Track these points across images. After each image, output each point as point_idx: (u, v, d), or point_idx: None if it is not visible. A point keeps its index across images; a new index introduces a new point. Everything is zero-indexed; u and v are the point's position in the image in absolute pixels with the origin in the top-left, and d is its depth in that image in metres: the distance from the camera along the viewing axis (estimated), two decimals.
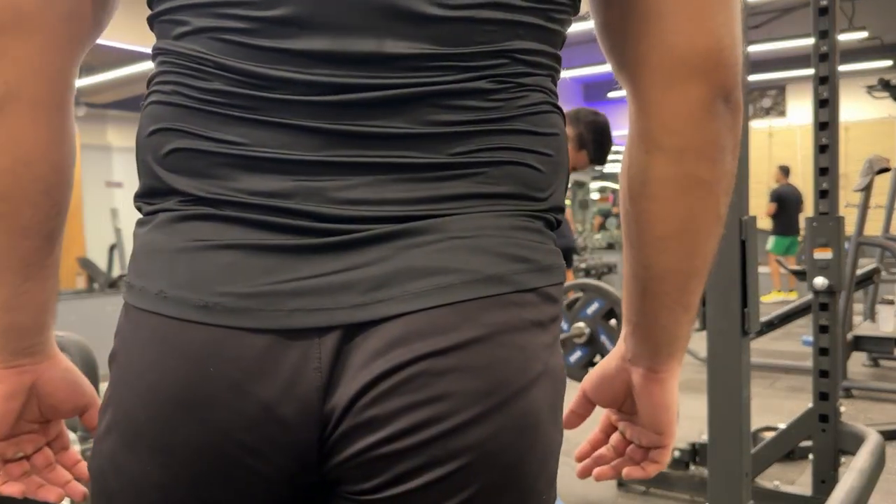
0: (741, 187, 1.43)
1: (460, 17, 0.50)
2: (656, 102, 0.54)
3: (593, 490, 2.72)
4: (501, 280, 0.51)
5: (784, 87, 9.80)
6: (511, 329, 0.51)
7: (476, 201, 0.51)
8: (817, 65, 2.14)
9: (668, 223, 0.56)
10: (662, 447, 0.66)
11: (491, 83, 0.51)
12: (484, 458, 0.50)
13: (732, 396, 1.47)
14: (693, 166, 0.54)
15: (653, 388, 0.64)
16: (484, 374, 0.50)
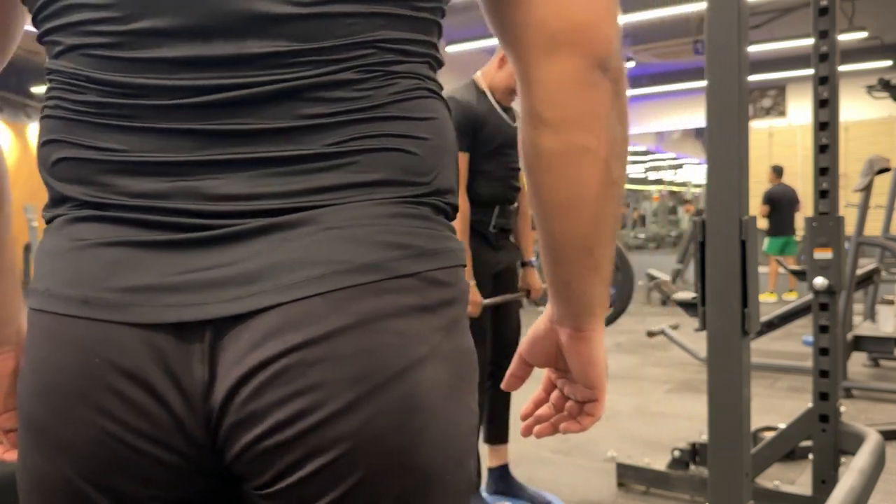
0: (740, 187, 1.43)
1: (315, 14, 0.51)
2: (535, 77, 0.55)
3: (593, 490, 2.72)
4: (376, 268, 0.52)
5: (784, 87, 9.80)
6: (386, 315, 0.52)
7: (351, 191, 0.53)
8: (817, 65, 2.14)
9: (562, 192, 0.58)
10: (595, 400, 0.69)
11: (357, 73, 0.53)
12: (363, 445, 0.51)
13: (732, 396, 1.47)
14: (577, 136, 0.56)
15: (579, 346, 0.66)
16: (355, 362, 0.51)
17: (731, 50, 1.42)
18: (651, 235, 12.83)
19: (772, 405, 3.84)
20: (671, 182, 14.46)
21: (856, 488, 1.75)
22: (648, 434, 3.40)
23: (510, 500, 2.56)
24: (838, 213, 2.15)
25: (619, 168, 0.59)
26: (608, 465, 2.83)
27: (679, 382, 4.53)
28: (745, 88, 1.43)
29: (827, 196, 2.14)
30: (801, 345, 5.39)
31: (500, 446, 2.60)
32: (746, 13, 1.44)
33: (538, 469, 2.96)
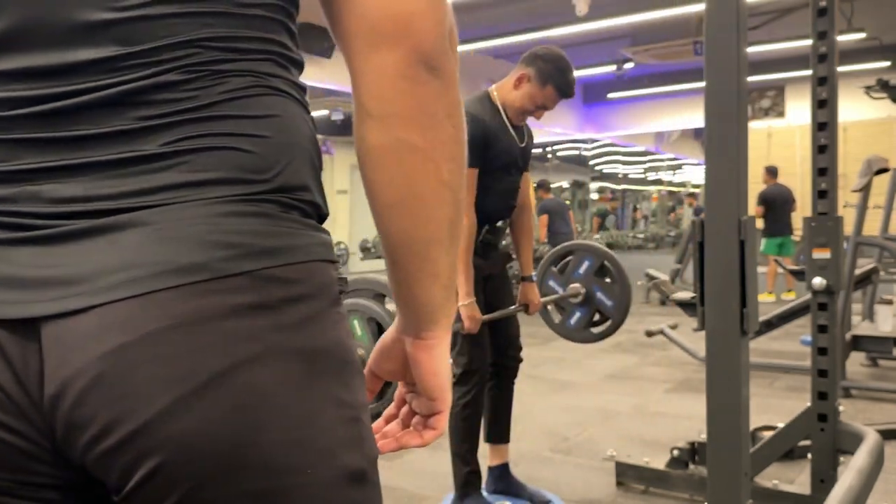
0: (739, 188, 1.44)
1: (136, 17, 0.52)
2: (360, 70, 0.55)
3: (592, 489, 2.72)
4: (200, 268, 0.51)
5: (783, 88, 9.81)
6: (209, 316, 0.51)
7: (182, 191, 0.52)
8: (816, 65, 2.14)
9: (390, 191, 0.57)
10: (438, 413, 0.68)
11: (181, 74, 0.53)
12: (192, 448, 0.50)
13: (731, 396, 1.47)
14: (402, 132, 0.55)
15: (421, 355, 0.65)
16: (174, 364, 0.50)
17: (730, 51, 1.43)
18: (650, 235, 12.84)
19: (770, 405, 3.85)
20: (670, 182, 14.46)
21: (854, 487, 1.76)
22: (647, 433, 3.41)
23: (510, 498, 2.56)
24: (837, 213, 2.16)
25: (452, 170, 0.58)
26: (607, 465, 2.83)
27: (678, 382, 4.54)
28: (744, 89, 1.44)
29: (826, 196, 2.14)
30: (800, 344, 5.39)
31: (501, 445, 2.60)
32: (745, 14, 1.44)
33: (538, 468, 2.97)
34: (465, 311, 2.24)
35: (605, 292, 2.85)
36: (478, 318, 2.26)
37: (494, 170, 2.29)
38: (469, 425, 2.35)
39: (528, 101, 2.31)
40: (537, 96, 2.30)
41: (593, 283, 2.87)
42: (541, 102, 2.31)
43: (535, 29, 7.21)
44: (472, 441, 2.39)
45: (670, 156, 13.26)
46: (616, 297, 2.83)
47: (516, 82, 2.31)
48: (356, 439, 0.57)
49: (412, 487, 2.77)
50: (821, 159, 2.15)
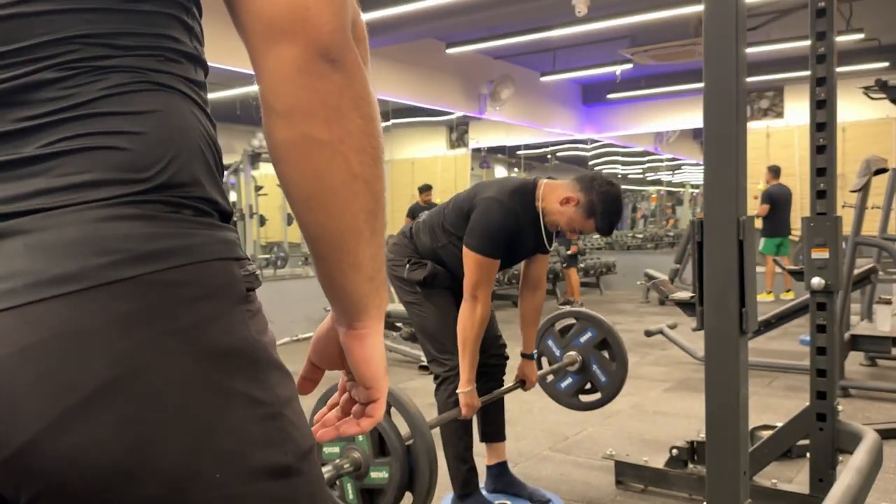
0: (738, 188, 1.44)
1: (12, 14, 0.50)
2: (260, 67, 0.54)
3: (592, 488, 2.73)
4: (74, 277, 0.49)
5: (782, 89, 9.80)
6: (89, 326, 0.49)
7: (61, 195, 0.50)
8: (815, 66, 2.14)
9: (302, 185, 0.56)
10: (374, 401, 0.68)
11: (58, 72, 0.51)
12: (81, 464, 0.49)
13: (730, 395, 1.48)
14: (306, 127, 0.54)
15: (353, 344, 0.65)
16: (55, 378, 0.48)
17: (728, 51, 1.43)
18: (649, 235, 12.85)
19: (769, 404, 3.85)
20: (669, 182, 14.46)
21: (853, 487, 1.76)
22: (647, 432, 3.42)
23: (509, 497, 2.57)
24: (836, 213, 2.16)
25: (364, 162, 0.57)
26: (607, 463, 2.84)
27: (677, 381, 4.54)
28: (742, 90, 1.44)
29: (824, 196, 2.15)
30: (799, 344, 5.40)
31: (496, 444, 2.61)
32: (744, 15, 1.45)
33: (537, 467, 2.98)
34: (464, 399, 2.26)
35: (602, 367, 2.87)
36: (475, 405, 2.28)
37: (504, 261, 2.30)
38: (461, 423, 2.36)
39: (565, 223, 2.28)
40: (577, 223, 2.26)
41: (591, 354, 2.88)
42: (578, 228, 2.29)
43: (535, 29, 7.21)
44: (467, 439, 2.40)
45: (669, 156, 13.26)
46: (612, 374, 2.84)
47: (564, 200, 2.24)
48: (274, 436, 0.56)
49: None
50: (819, 159, 2.15)
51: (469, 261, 2.22)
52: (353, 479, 1.86)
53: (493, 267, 2.25)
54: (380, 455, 1.84)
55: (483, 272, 2.21)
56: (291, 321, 6.57)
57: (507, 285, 7.66)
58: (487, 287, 2.24)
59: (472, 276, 2.22)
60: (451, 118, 9.57)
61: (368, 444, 1.84)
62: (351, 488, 1.87)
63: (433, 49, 8.16)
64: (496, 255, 2.23)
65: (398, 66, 8.06)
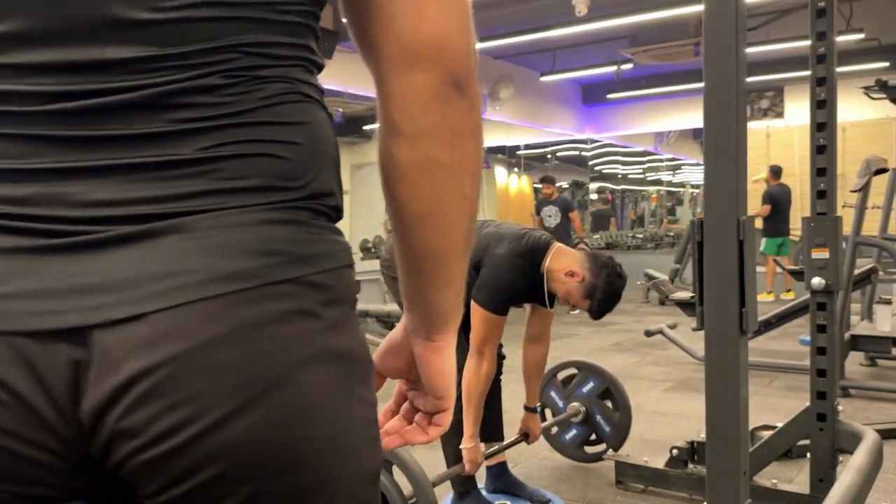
0: (738, 188, 1.44)
1: (175, 19, 0.51)
2: (393, 90, 0.56)
3: (592, 488, 2.73)
4: (245, 275, 0.52)
5: (782, 89, 9.80)
6: (258, 322, 0.52)
7: (220, 197, 0.52)
8: (815, 66, 2.14)
9: (417, 205, 0.59)
10: (443, 411, 0.70)
11: (222, 78, 0.53)
12: (251, 454, 0.51)
13: (730, 395, 1.48)
14: (431, 150, 0.57)
15: (431, 356, 0.67)
16: (233, 371, 0.51)
17: (729, 51, 1.43)
18: (649, 235, 12.85)
19: (769, 404, 3.85)
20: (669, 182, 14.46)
21: (853, 487, 1.76)
22: (647, 433, 3.41)
23: (509, 497, 2.57)
24: (836, 213, 2.16)
25: (473, 184, 0.60)
26: (607, 464, 2.84)
27: (677, 381, 4.54)
28: (742, 90, 1.44)
29: (824, 196, 2.15)
30: (799, 344, 5.40)
31: (496, 444, 2.61)
32: (744, 15, 1.45)
33: (537, 467, 2.97)
34: (468, 455, 2.28)
35: (606, 417, 2.87)
36: (479, 461, 2.30)
37: None
38: (460, 423, 2.35)
39: (563, 293, 2.28)
40: (573, 297, 2.27)
41: (594, 405, 2.87)
42: (572, 302, 2.30)
43: (535, 29, 7.21)
44: None
45: (669, 156, 13.26)
46: (616, 424, 2.84)
47: (569, 273, 2.24)
48: (376, 439, 0.60)
49: None
50: (820, 159, 2.15)
51: (477, 316, 2.24)
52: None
53: (501, 324, 2.27)
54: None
55: (490, 329, 2.24)
56: None
57: None
58: (494, 344, 2.27)
59: (479, 333, 2.24)
60: None
61: None
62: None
63: None
64: (504, 312, 2.25)
65: None
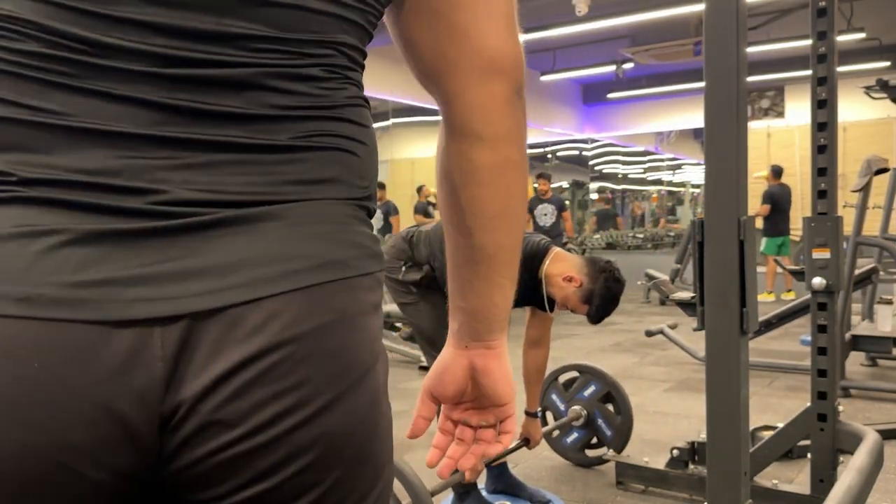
0: (739, 187, 1.44)
1: (293, 5, 0.52)
2: (468, 98, 0.61)
3: (592, 488, 2.72)
4: (343, 265, 0.53)
5: (783, 88, 9.81)
6: (357, 312, 0.54)
7: (310, 187, 0.54)
8: (816, 66, 2.14)
9: (495, 204, 0.64)
10: (510, 416, 0.71)
11: (323, 71, 0.54)
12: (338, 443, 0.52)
13: (731, 395, 1.47)
14: (508, 150, 0.63)
15: (492, 363, 0.69)
16: (338, 358, 0.52)
17: (729, 51, 1.43)
18: (649, 235, 12.85)
19: (770, 404, 3.85)
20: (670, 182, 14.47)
21: (854, 487, 1.76)
22: (647, 433, 3.41)
23: (510, 498, 2.56)
24: (836, 213, 2.16)
25: (527, 181, 0.66)
26: (607, 464, 2.84)
27: (677, 382, 4.54)
28: (743, 89, 1.44)
29: (825, 196, 2.15)
30: (799, 344, 5.40)
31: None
32: (745, 14, 1.45)
33: (537, 467, 2.97)
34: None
35: (607, 421, 2.86)
36: (479, 469, 2.25)
37: None
38: None
39: (562, 298, 2.28)
40: (571, 302, 2.27)
41: (596, 409, 2.87)
42: (570, 307, 2.30)
43: (536, 29, 7.21)
44: None
45: (670, 156, 13.26)
46: (617, 428, 2.83)
47: (567, 278, 2.25)
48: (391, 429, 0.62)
49: None
50: (820, 159, 2.15)
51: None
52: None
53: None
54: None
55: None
56: None
57: None
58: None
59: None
60: None
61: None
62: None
63: None
64: None
65: (398, 66, 8.00)
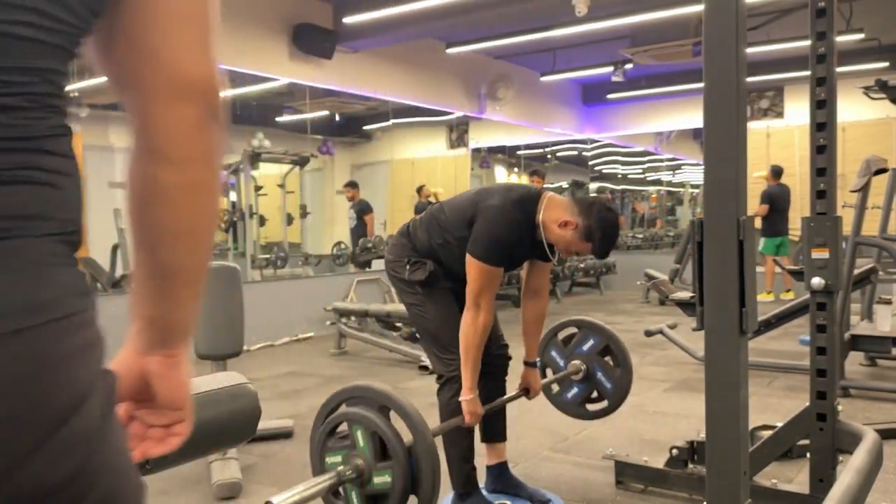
0: (738, 188, 1.44)
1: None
2: (161, 120, 0.61)
3: (592, 487, 2.73)
4: (44, 307, 0.52)
5: (782, 89, 9.81)
6: (59, 355, 0.53)
7: (9, 223, 0.52)
8: (815, 66, 2.14)
9: (179, 223, 0.64)
10: (184, 420, 0.73)
11: (23, 101, 0.53)
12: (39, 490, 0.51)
13: (730, 395, 1.47)
14: (197, 173, 0.63)
15: (171, 372, 0.70)
16: (32, 407, 0.51)
17: (729, 51, 1.43)
18: (648, 236, 12.85)
19: (769, 404, 3.85)
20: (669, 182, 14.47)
21: (853, 487, 1.76)
22: (647, 432, 3.42)
23: (509, 497, 2.57)
24: (836, 213, 2.16)
25: (218, 201, 0.68)
26: (607, 463, 2.84)
27: (677, 381, 4.54)
28: (742, 90, 1.44)
29: (824, 196, 2.15)
30: (799, 344, 5.40)
31: (497, 444, 2.61)
32: (744, 15, 1.45)
33: (537, 467, 2.98)
34: (467, 407, 2.27)
35: (606, 374, 2.86)
36: (478, 412, 2.29)
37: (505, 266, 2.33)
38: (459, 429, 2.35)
39: (563, 244, 2.29)
40: (574, 245, 2.28)
41: (595, 362, 2.87)
42: (574, 251, 2.30)
43: (535, 29, 7.21)
44: (469, 439, 2.40)
45: (669, 156, 13.27)
46: (616, 380, 2.83)
47: (562, 224, 2.26)
48: None
49: None
50: (819, 159, 2.15)
51: (472, 269, 2.24)
52: (356, 486, 1.85)
53: (497, 275, 2.26)
54: (382, 460, 1.84)
55: (486, 280, 2.23)
56: (291, 321, 6.57)
57: (507, 286, 7.66)
58: (490, 295, 2.26)
59: (474, 284, 2.23)
60: (451, 118, 9.56)
61: (370, 450, 1.84)
62: (355, 496, 1.86)
63: (433, 49, 8.16)
64: (500, 263, 2.25)
65: (398, 66, 8.05)
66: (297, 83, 7.18)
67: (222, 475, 2.74)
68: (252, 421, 1.31)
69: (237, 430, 1.28)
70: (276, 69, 6.79)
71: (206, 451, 1.25)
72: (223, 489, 2.69)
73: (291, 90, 7.55)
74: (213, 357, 3.03)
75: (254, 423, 1.32)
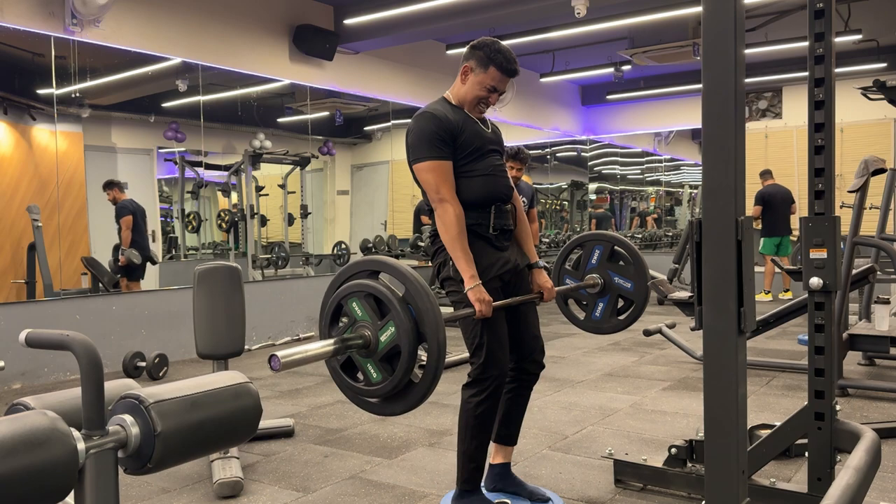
0: (736, 188, 1.45)
1: None
2: None
3: (591, 486, 2.73)
4: None
5: (780, 90, 9.82)
6: None
7: None
8: (813, 67, 2.15)
9: None
10: None
11: None
12: None
13: (729, 394, 1.48)
14: None
15: None
16: None
17: (727, 52, 1.44)
18: (647, 236, 12.86)
19: (768, 403, 3.86)
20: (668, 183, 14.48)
21: (852, 486, 1.77)
22: (646, 431, 3.42)
23: (509, 496, 2.57)
24: (834, 213, 2.17)
25: None
26: (606, 462, 2.85)
27: (676, 381, 4.55)
28: (741, 90, 1.45)
29: (822, 197, 2.16)
30: (797, 344, 5.41)
31: (507, 447, 2.61)
32: (742, 16, 1.46)
33: (537, 466, 2.98)
34: (474, 295, 2.19)
35: (622, 276, 2.87)
36: (488, 300, 2.19)
37: (473, 153, 2.35)
38: (480, 423, 2.34)
39: (478, 89, 2.37)
40: (485, 80, 2.36)
41: (608, 270, 2.88)
42: (490, 85, 2.36)
43: (535, 30, 7.22)
44: (483, 438, 2.37)
45: (668, 156, 13.28)
46: (633, 277, 2.84)
47: (462, 77, 2.39)
48: None
49: (412, 485, 2.78)
50: (818, 160, 2.16)
51: (422, 174, 2.30)
52: (369, 355, 1.83)
53: (447, 168, 2.29)
54: (381, 317, 1.83)
55: (438, 175, 2.27)
56: (292, 321, 6.57)
57: None
58: (449, 186, 2.28)
59: (431, 184, 2.28)
60: None
61: (369, 313, 1.83)
62: (371, 367, 1.85)
63: (433, 50, 8.17)
64: (442, 155, 2.28)
65: (398, 67, 8.06)
66: (298, 84, 7.19)
67: (223, 474, 2.75)
68: (253, 420, 1.32)
69: (238, 428, 1.29)
70: (277, 70, 6.81)
71: (208, 450, 1.26)
72: (224, 488, 2.70)
73: (292, 91, 7.56)
74: (215, 356, 3.04)
75: (255, 422, 1.33)
